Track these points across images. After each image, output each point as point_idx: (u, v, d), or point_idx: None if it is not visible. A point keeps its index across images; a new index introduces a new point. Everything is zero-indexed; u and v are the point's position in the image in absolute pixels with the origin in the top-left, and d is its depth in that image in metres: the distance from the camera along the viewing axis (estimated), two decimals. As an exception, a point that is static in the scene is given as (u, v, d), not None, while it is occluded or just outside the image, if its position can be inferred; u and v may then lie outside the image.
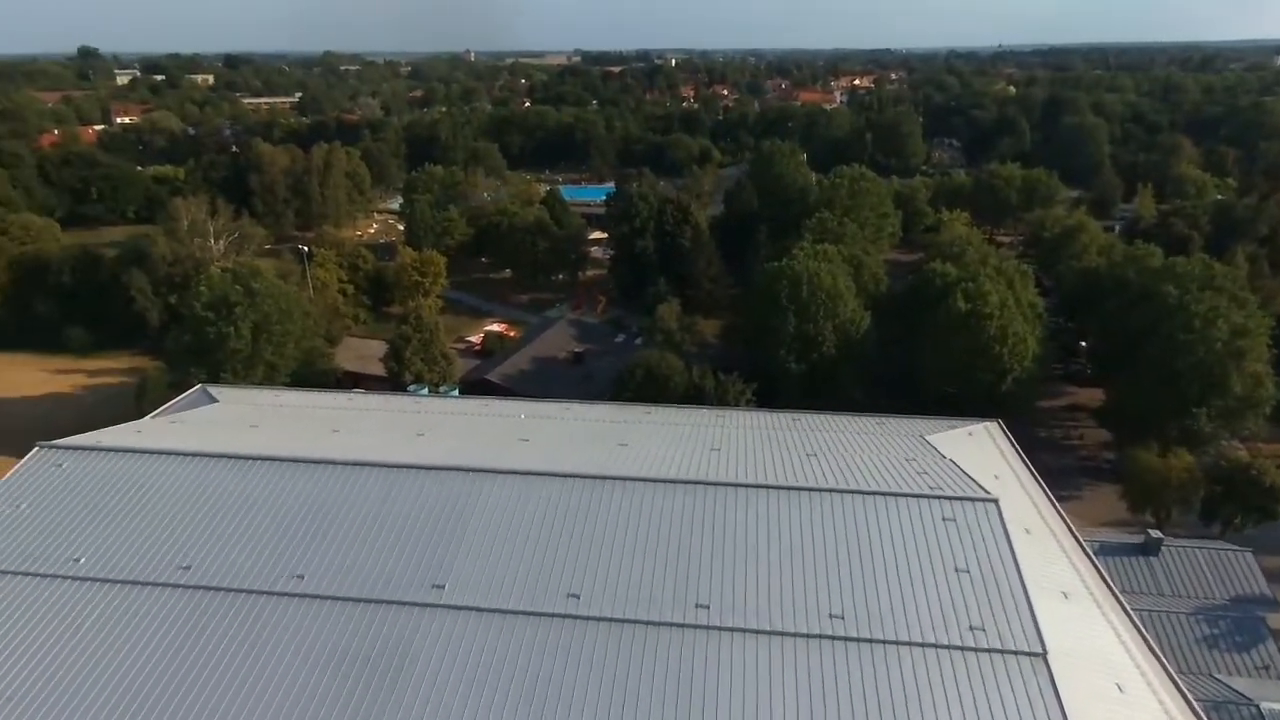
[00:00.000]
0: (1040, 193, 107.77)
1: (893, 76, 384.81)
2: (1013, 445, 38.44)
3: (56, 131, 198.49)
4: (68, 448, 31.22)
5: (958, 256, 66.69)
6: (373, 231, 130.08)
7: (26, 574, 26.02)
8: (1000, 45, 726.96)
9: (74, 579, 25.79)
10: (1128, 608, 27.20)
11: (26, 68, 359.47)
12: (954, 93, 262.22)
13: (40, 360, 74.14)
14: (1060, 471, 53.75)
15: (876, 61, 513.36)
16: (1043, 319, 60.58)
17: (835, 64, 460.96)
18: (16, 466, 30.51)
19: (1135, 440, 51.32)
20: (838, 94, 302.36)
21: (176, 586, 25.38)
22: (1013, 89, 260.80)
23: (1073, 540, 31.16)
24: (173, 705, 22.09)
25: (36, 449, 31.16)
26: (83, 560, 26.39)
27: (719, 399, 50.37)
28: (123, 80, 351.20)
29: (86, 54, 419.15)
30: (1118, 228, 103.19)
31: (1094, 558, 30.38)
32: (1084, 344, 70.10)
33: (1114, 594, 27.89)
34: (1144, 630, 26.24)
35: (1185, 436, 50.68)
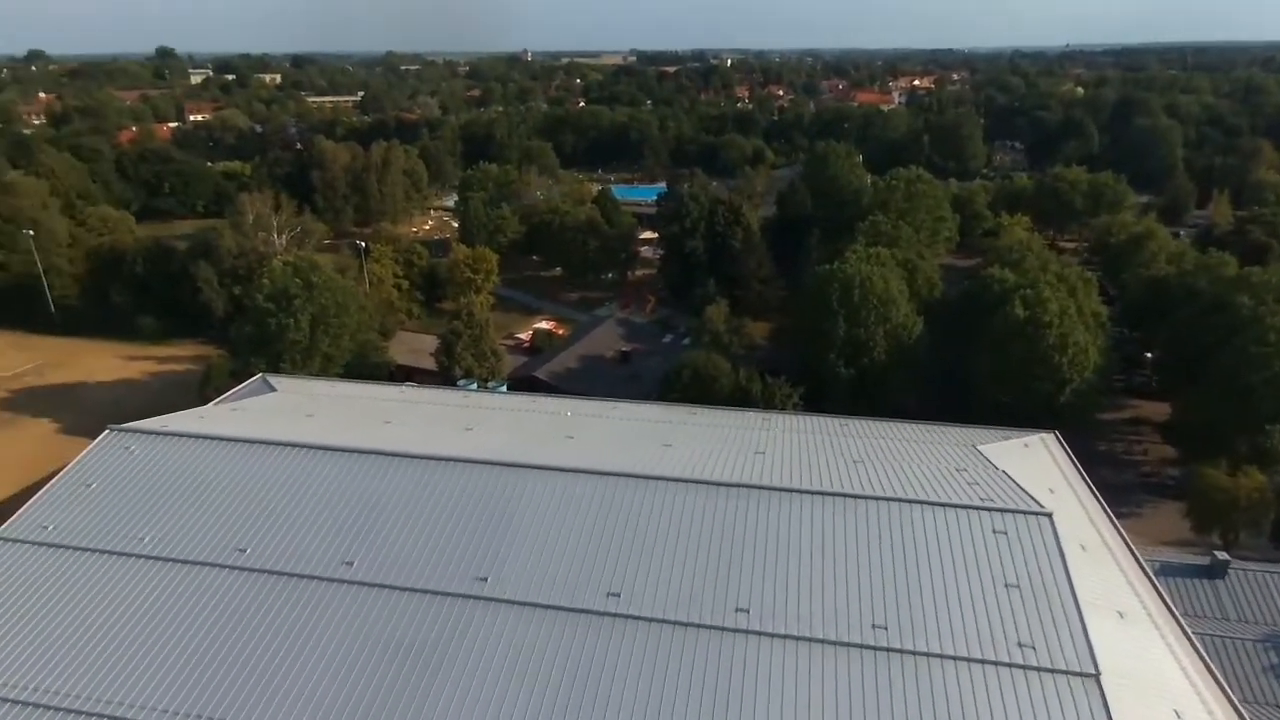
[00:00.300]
0: (1107, 197, 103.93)
1: (954, 77, 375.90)
2: (1070, 458, 37.25)
3: (134, 128, 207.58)
4: (135, 431, 32.63)
5: (1017, 262, 64.73)
6: (428, 228, 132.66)
7: (95, 550, 27.32)
8: (1068, 45, 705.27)
9: (138, 557, 26.99)
10: (1189, 631, 26.12)
11: (108, 67, 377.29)
12: (1018, 94, 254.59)
13: (114, 347, 77.72)
14: (1121, 487, 51.85)
15: (937, 62, 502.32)
16: (1106, 328, 58.44)
17: (894, 64, 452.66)
18: (88, 448, 32.03)
19: (1202, 457, 49.18)
20: (896, 95, 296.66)
21: (233, 568, 26.34)
22: (1080, 90, 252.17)
23: (1131, 559, 30.05)
24: (226, 682, 22.93)
25: (107, 432, 32.67)
26: (146, 539, 27.57)
27: (766, 402, 49.93)
28: (196, 79, 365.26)
29: (164, 54, 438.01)
30: (1182, 234, 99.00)
31: (1154, 578, 29.25)
32: (1149, 355, 67.47)
33: (1174, 616, 26.81)
34: (1206, 656, 25.15)
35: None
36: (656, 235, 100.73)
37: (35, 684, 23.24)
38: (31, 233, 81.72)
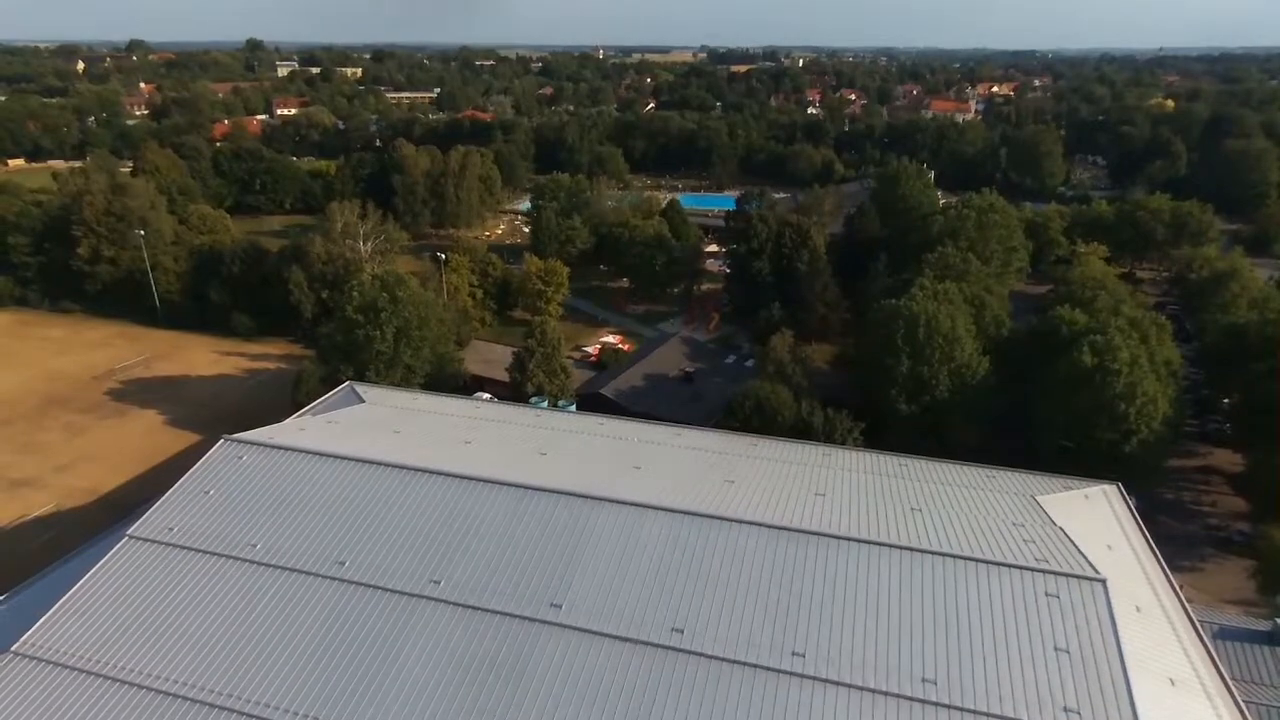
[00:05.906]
0: (1190, 228, 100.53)
1: (1036, 83, 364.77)
2: (1131, 512, 37.43)
3: (227, 121, 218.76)
4: (247, 443, 35.95)
5: (1088, 301, 63.70)
6: (500, 232, 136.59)
7: (214, 554, 30.57)
8: (1161, 49, 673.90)
9: (251, 563, 30.12)
10: (1240, 701, 26.52)
11: (201, 59, 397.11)
12: (1103, 105, 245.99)
13: (211, 341, 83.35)
14: (1185, 539, 51.23)
15: (1019, 66, 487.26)
16: (1178, 376, 57.16)
17: (973, 68, 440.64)
18: (206, 456, 35.44)
19: (1275, 513, 48.19)
20: (973, 103, 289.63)
21: (333, 579, 29.22)
22: (1170, 103, 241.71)
23: (1187, 622, 30.41)
24: (328, 686, 25.73)
25: (222, 442, 36.07)
26: (258, 546, 30.70)
27: (826, 435, 50.94)
28: (283, 72, 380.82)
29: (253, 46, 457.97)
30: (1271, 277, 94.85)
31: (1211, 643, 29.54)
32: (1226, 401, 65.67)
33: (1227, 684, 27.21)
34: (1258, 729, 25.58)
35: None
36: (722, 249, 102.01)
37: (154, 671, 26.46)
38: (143, 232, 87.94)
